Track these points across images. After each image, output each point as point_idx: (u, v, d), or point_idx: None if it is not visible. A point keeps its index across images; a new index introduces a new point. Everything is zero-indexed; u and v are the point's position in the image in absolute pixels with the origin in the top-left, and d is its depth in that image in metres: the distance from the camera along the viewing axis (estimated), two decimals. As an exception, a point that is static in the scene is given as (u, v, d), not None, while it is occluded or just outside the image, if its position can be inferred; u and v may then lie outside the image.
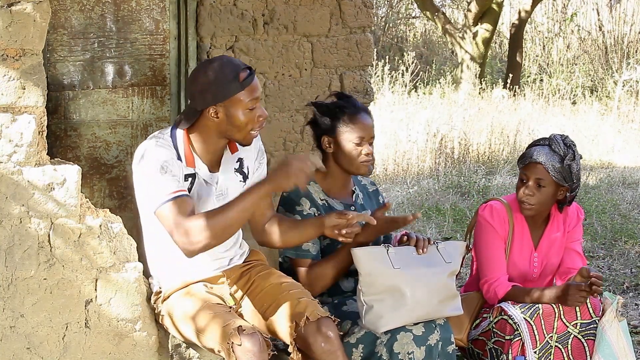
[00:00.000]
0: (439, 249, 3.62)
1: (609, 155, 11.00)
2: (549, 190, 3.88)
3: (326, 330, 3.27)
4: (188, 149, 3.35)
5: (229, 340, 3.14)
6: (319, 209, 3.73)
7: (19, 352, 3.33)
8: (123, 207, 4.69)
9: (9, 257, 3.28)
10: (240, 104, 3.28)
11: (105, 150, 4.65)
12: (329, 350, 3.27)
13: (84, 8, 4.51)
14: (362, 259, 3.51)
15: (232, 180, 3.46)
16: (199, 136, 3.36)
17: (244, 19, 4.80)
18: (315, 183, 3.79)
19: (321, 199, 3.77)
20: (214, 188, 3.42)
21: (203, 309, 3.32)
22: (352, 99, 3.81)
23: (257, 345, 3.14)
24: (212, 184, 3.41)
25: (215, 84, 3.25)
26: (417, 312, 3.50)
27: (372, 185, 4.01)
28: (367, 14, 5.17)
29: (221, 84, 3.25)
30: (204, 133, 3.36)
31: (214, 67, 3.28)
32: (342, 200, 3.83)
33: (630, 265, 6.50)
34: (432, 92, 13.22)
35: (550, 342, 3.80)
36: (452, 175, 9.14)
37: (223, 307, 3.37)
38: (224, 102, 3.27)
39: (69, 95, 4.54)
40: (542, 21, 16.97)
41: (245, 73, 3.28)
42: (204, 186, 3.40)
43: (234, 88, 3.25)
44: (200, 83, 3.28)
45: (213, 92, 3.26)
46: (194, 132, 3.36)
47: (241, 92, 3.26)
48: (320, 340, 3.26)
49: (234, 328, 3.15)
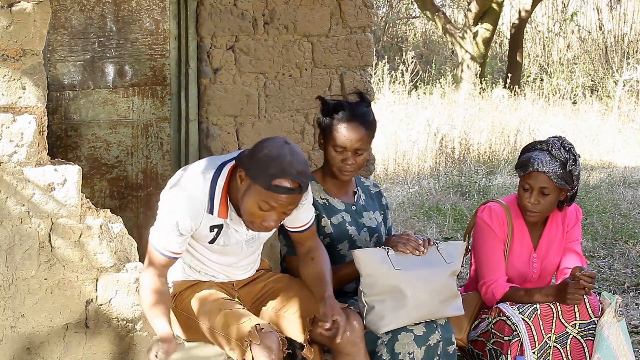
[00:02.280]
0: (439, 249, 3.62)
1: (610, 155, 11.00)
2: (552, 197, 3.88)
3: (353, 320, 3.33)
4: (224, 198, 3.26)
5: (247, 338, 3.14)
6: (318, 208, 3.72)
7: (19, 352, 3.33)
8: (123, 207, 4.69)
9: (9, 257, 3.28)
10: (257, 197, 3.12)
11: (105, 150, 4.65)
12: (353, 340, 3.33)
13: (84, 8, 4.51)
14: (363, 260, 3.51)
15: None
16: (235, 184, 3.25)
17: (244, 19, 4.80)
18: (316, 182, 3.78)
19: (322, 198, 3.77)
20: (244, 235, 3.39)
21: (217, 305, 3.33)
22: (355, 106, 3.73)
23: (276, 343, 3.15)
24: (242, 231, 3.38)
25: (257, 161, 3.11)
26: (418, 313, 3.50)
27: (375, 186, 4.00)
28: (367, 14, 5.16)
29: (259, 167, 3.11)
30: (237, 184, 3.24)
31: (273, 152, 3.10)
32: (344, 200, 3.83)
33: (630, 264, 6.50)
34: (432, 92, 13.21)
35: (549, 343, 3.80)
36: (453, 175, 9.13)
37: (237, 304, 3.38)
38: (250, 180, 3.14)
39: (70, 95, 4.54)
40: (542, 21, 16.97)
41: (284, 183, 3.08)
42: (234, 233, 3.37)
43: (262, 181, 3.09)
44: (257, 148, 3.15)
45: (250, 164, 3.13)
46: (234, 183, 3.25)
47: (265, 191, 3.10)
48: (346, 330, 3.29)
49: (252, 326, 3.16)
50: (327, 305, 3.27)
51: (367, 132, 3.69)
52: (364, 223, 3.83)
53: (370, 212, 3.88)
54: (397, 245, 3.56)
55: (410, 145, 10.11)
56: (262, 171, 3.09)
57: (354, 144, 3.66)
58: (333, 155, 3.69)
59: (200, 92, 4.77)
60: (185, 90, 4.76)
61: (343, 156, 3.67)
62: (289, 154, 3.11)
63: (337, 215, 3.78)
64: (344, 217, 3.78)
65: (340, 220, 3.77)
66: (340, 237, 3.76)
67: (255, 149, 3.18)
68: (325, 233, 3.73)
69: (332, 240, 3.74)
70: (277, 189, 3.09)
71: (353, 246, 3.74)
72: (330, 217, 3.76)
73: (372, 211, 3.88)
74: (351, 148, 3.66)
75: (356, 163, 3.69)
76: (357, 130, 3.66)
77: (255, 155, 3.14)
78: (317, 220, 3.72)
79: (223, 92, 4.75)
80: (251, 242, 3.44)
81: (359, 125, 3.67)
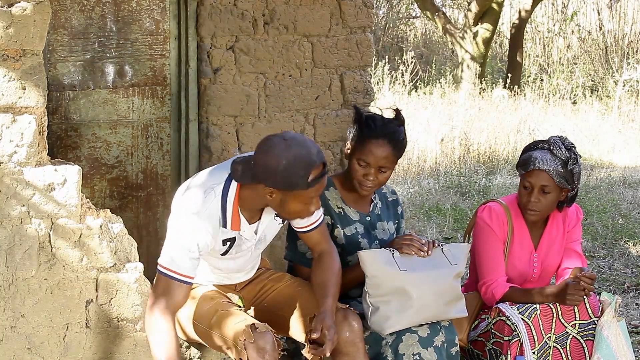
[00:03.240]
0: (444, 251, 3.62)
1: (610, 155, 11.00)
2: (553, 196, 3.88)
3: (352, 320, 3.35)
4: (236, 210, 3.28)
5: (242, 338, 3.15)
6: (333, 217, 3.72)
7: (19, 352, 3.33)
8: (123, 207, 4.69)
9: (9, 257, 3.28)
10: (299, 198, 3.20)
11: (105, 150, 4.65)
12: (352, 340, 3.34)
13: (84, 8, 4.51)
14: (368, 261, 3.51)
15: (271, 225, 3.46)
16: (249, 196, 3.27)
17: (244, 19, 4.80)
18: (335, 189, 3.77)
19: (338, 207, 3.75)
20: (254, 239, 3.41)
21: (213, 306, 3.34)
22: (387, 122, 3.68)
23: (270, 343, 3.16)
24: (251, 238, 3.39)
25: (283, 175, 3.13)
26: (422, 314, 3.51)
27: (392, 194, 3.98)
28: (367, 14, 5.16)
29: (289, 177, 3.13)
30: (253, 196, 3.27)
31: (288, 157, 3.13)
32: (359, 210, 3.81)
33: (630, 265, 6.50)
34: (432, 92, 13.21)
35: (548, 343, 3.80)
36: (453, 175, 9.13)
37: (233, 305, 3.39)
38: (285, 190, 3.18)
39: (70, 95, 4.54)
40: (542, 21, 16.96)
41: (316, 173, 3.17)
42: (245, 242, 3.39)
43: (300, 185, 3.15)
44: (269, 164, 3.15)
45: (277, 180, 3.15)
46: (247, 190, 3.27)
47: (305, 191, 3.18)
48: (345, 330, 3.32)
49: (247, 325, 3.17)
50: (318, 319, 3.27)
51: (394, 152, 3.65)
52: (376, 235, 3.82)
53: (384, 222, 3.87)
54: (401, 247, 3.56)
55: (410, 145, 10.08)
56: (293, 178, 3.13)
57: (379, 160, 3.63)
58: (356, 168, 3.67)
59: (200, 92, 4.77)
60: (185, 91, 4.76)
61: (365, 171, 3.64)
62: (294, 148, 3.14)
63: (351, 227, 3.77)
64: (357, 229, 3.78)
65: (353, 232, 3.76)
66: (351, 249, 3.75)
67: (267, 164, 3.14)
68: (337, 243, 3.71)
69: (343, 251, 3.73)
70: (314, 182, 3.17)
71: None
72: (344, 228, 3.75)
73: (386, 221, 3.88)
74: (375, 164, 3.63)
75: (378, 180, 3.66)
76: (384, 148, 3.63)
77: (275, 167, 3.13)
78: (331, 229, 3.72)
79: (223, 92, 4.75)
80: (259, 245, 3.46)
81: (387, 143, 3.63)
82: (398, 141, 3.66)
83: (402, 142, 3.68)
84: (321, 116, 5.06)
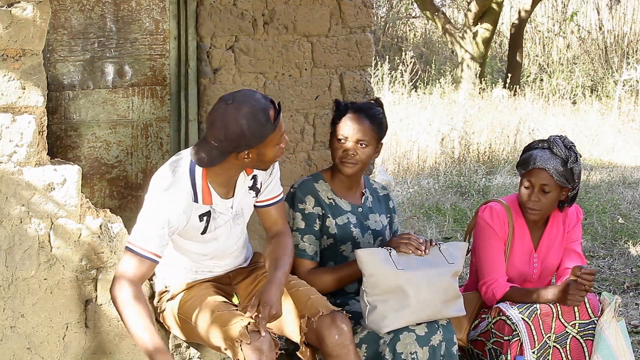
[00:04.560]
0: (442, 250, 3.62)
1: (609, 154, 11.00)
2: (553, 195, 3.88)
3: (340, 323, 3.34)
4: (205, 186, 3.31)
5: (238, 339, 3.15)
6: (324, 208, 3.72)
7: (19, 352, 3.33)
8: (123, 207, 4.69)
9: (9, 257, 3.28)
10: (272, 142, 3.26)
11: (105, 150, 4.65)
12: (342, 343, 3.33)
13: (84, 8, 4.51)
14: (366, 260, 3.51)
15: (246, 199, 3.48)
16: (219, 171, 3.31)
17: (244, 19, 4.81)
18: (324, 182, 3.78)
19: (329, 198, 3.76)
20: (230, 213, 3.42)
21: (210, 307, 3.34)
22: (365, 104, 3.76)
23: (267, 343, 3.15)
24: (227, 212, 3.41)
25: (250, 132, 3.19)
26: (420, 313, 3.51)
27: (383, 189, 3.99)
28: (367, 14, 5.17)
29: (256, 131, 3.20)
30: (226, 169, 3.32)
31: (245, 115, 3.18)
32: (351, 201, 3.82)
33: (630, 264, 6.50)
34: (432, 92, 13.21)
35: (548, 343, 3.80)
36: (453, 175, 9.13)
37: (230, 306, 3.38)
38: (257, 146, 3.24)
39: (69, 95, 4.54)
40: (542, 21, 16.97)
41: (273, 111, 3.24)
42: (221, 215, 3.40)
43: (268, 130, 3.22)
44: (232, 132, 3.19)
45: (248, 140, 3.21)
46: (214, 168, 3.30)
47: (273, 134, 3.24)
48: (334, 333, 3.32)
49: (243, 326, 3.16)
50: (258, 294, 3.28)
51: (371, 126, 3.68)
52: (369, 225, 3.83)
53: (377, 214, 3.87)
54: (399, 246, 3.56)
55: (410, 145, 10.11)
56: (261, 129, 3.19)
57: (356, 133, 3.65)
58: (336, 147, 3.69)
59: (200, 92, 4.77)
60: (185, 90, 4.76)
61: (345, 147, 3.67)
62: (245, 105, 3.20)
63: (343, 216, 3.77)
64: (349, 219, 3.78)
65: (345, 222, 3.77)
66: (343, 239, 3.75)
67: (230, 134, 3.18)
68: (329, 233, 3.73)
69: (336, 241, 3.74)
70: (277, 119, 3.23)
71: (356, 248, 3.74)
72: (336, 218, 3.75)
73: (378, 214, 3.88)
74: (353, 137, 3.65)
75: (358, 155, 3.67)
76: (361, 122, 3.67)
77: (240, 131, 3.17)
78: (322, 219, 3.72)
79: (223, 92, 4.75)
80: (237, 220, 3.45)
81: (364, 118, 3.68)
82: (375, 116, 3.71)
83: (379, 119, 3.73)
84: (321, 116, 5.06)
